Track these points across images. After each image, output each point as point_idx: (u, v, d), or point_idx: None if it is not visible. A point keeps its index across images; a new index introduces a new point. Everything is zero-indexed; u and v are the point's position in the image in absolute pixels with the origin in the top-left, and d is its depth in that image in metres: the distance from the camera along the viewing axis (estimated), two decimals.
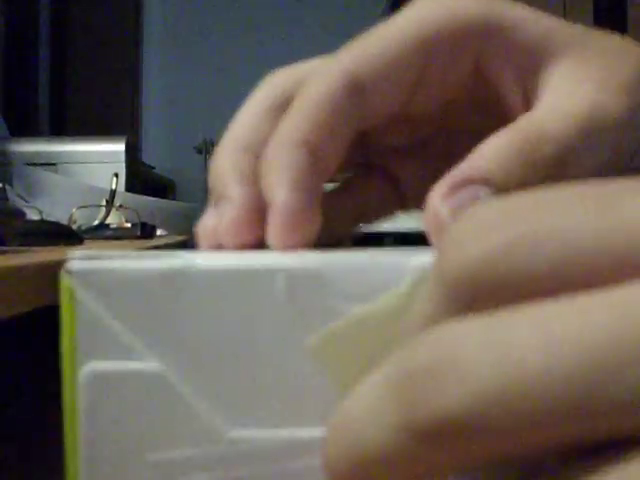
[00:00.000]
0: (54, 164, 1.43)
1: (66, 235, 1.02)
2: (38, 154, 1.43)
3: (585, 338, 0.11)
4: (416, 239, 0.21)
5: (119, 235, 1.10)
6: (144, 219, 1.14)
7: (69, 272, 0.17)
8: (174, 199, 2.48)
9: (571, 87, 0.23)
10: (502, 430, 0.12)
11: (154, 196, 1.43)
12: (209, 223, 0.22)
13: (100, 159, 1.43)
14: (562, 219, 0.12)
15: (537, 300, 0.12)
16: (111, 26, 2.73)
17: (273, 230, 0.20)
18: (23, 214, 0.86)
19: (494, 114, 0.25)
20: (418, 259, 0.16)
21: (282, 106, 0.25)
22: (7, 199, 1.15)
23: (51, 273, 0.47)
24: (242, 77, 2.97)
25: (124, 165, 1.44)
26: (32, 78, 2.28)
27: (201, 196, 2.57)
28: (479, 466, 0.12)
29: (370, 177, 0.27)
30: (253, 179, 0.23)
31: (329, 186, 0.24)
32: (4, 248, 0.76)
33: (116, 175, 1.34)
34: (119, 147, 1.46)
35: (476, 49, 0.24)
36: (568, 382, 0.11)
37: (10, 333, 0.68)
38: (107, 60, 2.70)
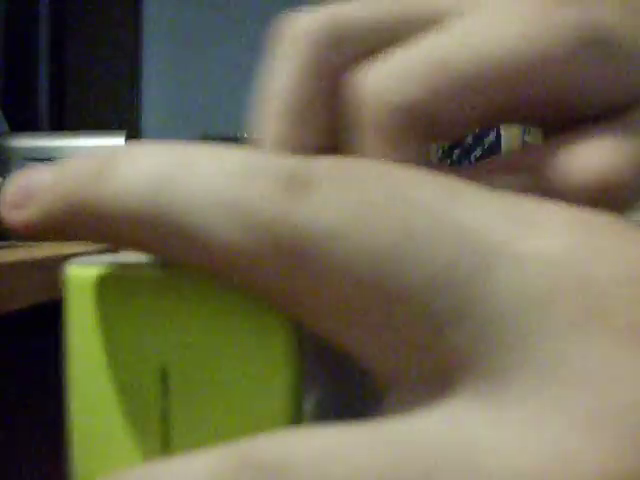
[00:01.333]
0: (54, 159, 1.43)
1: None
2: (38, 149, 1.43)
3: None
4: None
5: None
6: None
7: (66, 278, 0.16)
8: None
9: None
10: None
11: None
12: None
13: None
14: None
15: None
16: (111, 20, 2.73)
17: None
18: None
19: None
20: None
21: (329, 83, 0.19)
22: None
23: (51, 268, 0.47)
24: (243, 71, 2.96)
25: None
26: (32, 73, 2.28)
27: None
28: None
29: None
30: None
31: None
32: (4, 243, 0.76)
33: None
34: (119, 142, 1.45)
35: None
36: None
37: (10, 327, 0.68)
38: (107, 55, 2.69)
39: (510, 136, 1.41)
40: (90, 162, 0.15)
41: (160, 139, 3.03)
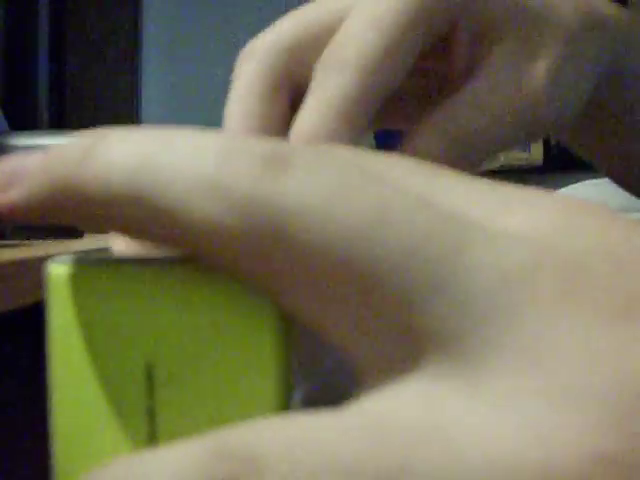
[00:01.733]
0: None
1: (66, 229, 1.02)
2: (38, 147, 1.43)
3: None
4: None
5: None
6: None
7: (48, 276, 0.16)
8: None
9: (506, 76, 0.25)
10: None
11: None
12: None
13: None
14: None
15: None
16: (110, 19, 2.73)
17: None
18: None
19: (438, 76, 0.28)
20: None
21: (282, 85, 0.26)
22: None
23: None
24: None
25: None
26: (32, 72, 2.28)
27: None
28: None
29: None
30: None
31: None
32: (4, 242, 0.77)
33: None
34: None
35: (454, 16, 0.25)
36: None
37: (10, 326, 0.68)
38: (107, 53, 2.69)
39: None
40: (76, 145, 0.15)
41: None
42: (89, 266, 0.16)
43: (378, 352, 0.13)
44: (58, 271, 0.16)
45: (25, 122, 2.09)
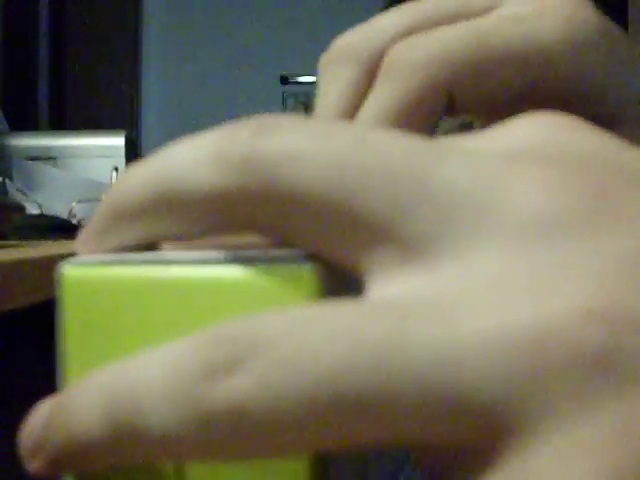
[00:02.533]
0: (54, 158, 1.43)
1: (66, 229, 1.02)
2: (38, 148, 1.43)
3: None
4: None
5: None
6: None
7: (61, 277, 0.16)
8: None
9: None
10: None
11: None
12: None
13: (100, 153, 1.43)
14: None
15: None
16: (110, 20, 2.73)
17: None
18: (23, 208, 0.86)
19: None
20: None
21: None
22: (7, 193, 1.15)
23: (50, 267, 0.47)
24: (242, 71, 2.96)
25: (124, 159, 1.44)
26: (32, 72, 2.28)
27: None
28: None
29: None
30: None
31: None
32: (3, 242, 0.77)
33: (116, 169, 1.34)
34: (119, 141, 1.45)
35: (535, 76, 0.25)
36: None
37: (9, 327, 0.68)
38: (106, 54, 2.69)
39: None
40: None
41: (160, 139, 3.04)
42: (102, 267, 0.16)
43: (381, 265, 0.14)
44: (71, 272, 0.16)
45: (25, 122, 2.10)
